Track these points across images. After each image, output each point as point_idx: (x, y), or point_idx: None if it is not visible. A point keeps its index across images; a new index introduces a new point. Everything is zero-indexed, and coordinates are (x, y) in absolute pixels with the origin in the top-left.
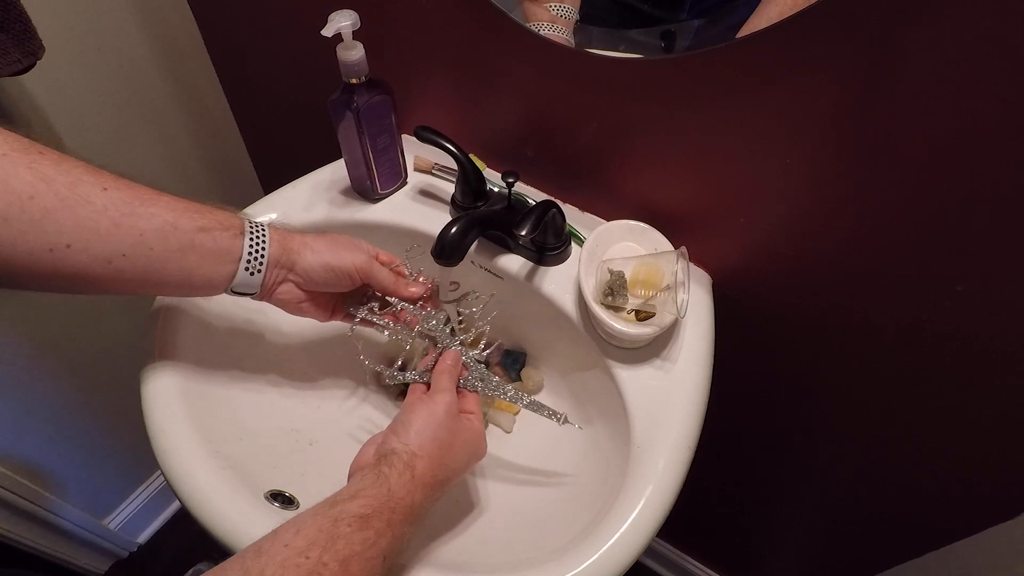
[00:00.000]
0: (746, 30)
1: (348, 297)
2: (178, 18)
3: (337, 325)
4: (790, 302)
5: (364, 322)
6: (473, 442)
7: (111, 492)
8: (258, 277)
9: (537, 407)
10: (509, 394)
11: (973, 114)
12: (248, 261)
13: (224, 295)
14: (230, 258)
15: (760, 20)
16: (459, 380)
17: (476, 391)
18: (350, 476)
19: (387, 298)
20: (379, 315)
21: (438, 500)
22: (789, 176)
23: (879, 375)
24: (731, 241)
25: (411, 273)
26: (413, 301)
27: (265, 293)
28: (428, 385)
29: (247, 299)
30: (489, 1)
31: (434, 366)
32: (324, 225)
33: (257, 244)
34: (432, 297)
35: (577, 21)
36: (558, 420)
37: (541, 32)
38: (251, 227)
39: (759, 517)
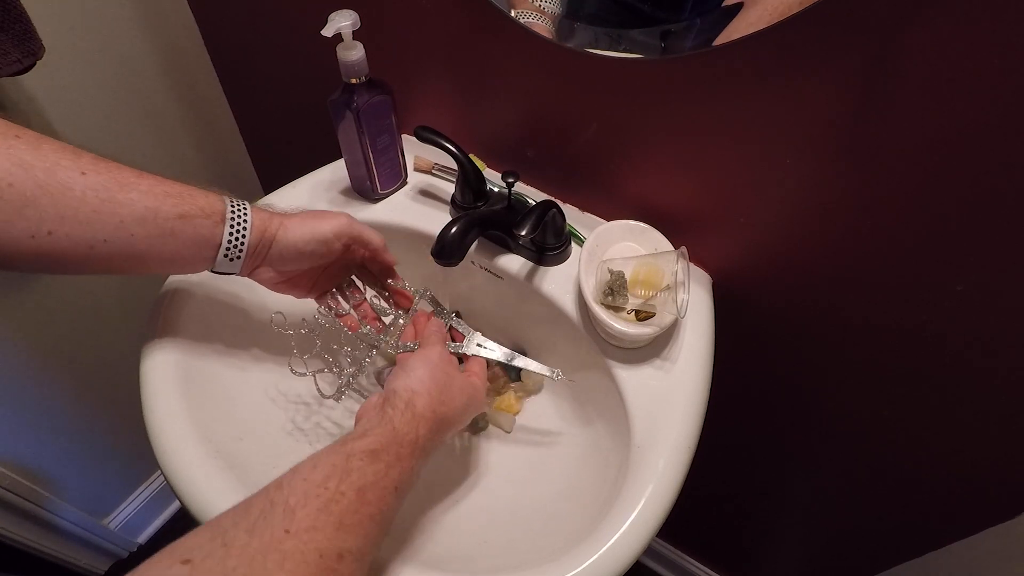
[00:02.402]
0: (724, 37)
1: (329, 275)
2: (178, 18)
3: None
4: (790, 302)
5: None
6: (470, 389)
7: (111, 492)
8: (237, 263)
9: (529, 365)
10: (500, 354)
11: (972, 115)
12: (227, 249)
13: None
14: (210, 245)
15: (741, 24)
16: (450, 344)
17: (479, 356)
18: (357, 421)
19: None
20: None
21: (444, 438)
22: (789, 176)
23: (879, 375)
24: (731, 241)
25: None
26: (399, 302)
27: (246, 272)
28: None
29: (249, 295)
30: (489, 1)
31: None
32: None
33: (237, 232)
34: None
35: (560, 15)
36: (553, 376)
37: (522, 21)
38: (232, 213)
39: (759, 517)
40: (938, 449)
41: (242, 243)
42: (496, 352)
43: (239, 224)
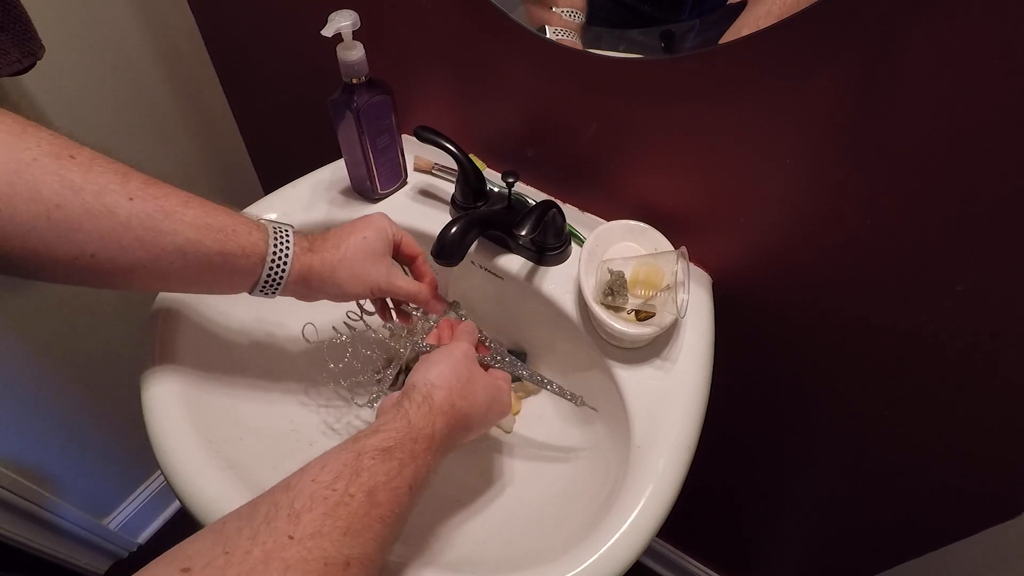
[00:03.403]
0: (732, 33)
1: None
2: (178, 18)
3: (338, 325)
4: (790, 302)
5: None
6: (494, 389)
7: (111, 492)
8: (273, 296)
9: (554, 388)
10: (526, 374)
11: (972, 114)
12: (263, 285)
13: None
14: (247, 280)
15: (741, 24)
16: (479, 355)
17: (505, 370)
18: (377, 416)
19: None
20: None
21: (464, 438)
22: (789, 176)
23: (879, 375)
24: (731, 241)
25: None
26: (430, 311)
27: (283, 294)
28: None
29: (248, 298)
30: (489, 1)
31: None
32: (324, 225)
33: (275, 272)
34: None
35: (584, 24)
36: (575, 402)
37: (549, 36)
38: (274, 254)
39: (759, 517)
40: (938, 449)
41: (279, 282)
42: (522, 370)
43: (279, 265)
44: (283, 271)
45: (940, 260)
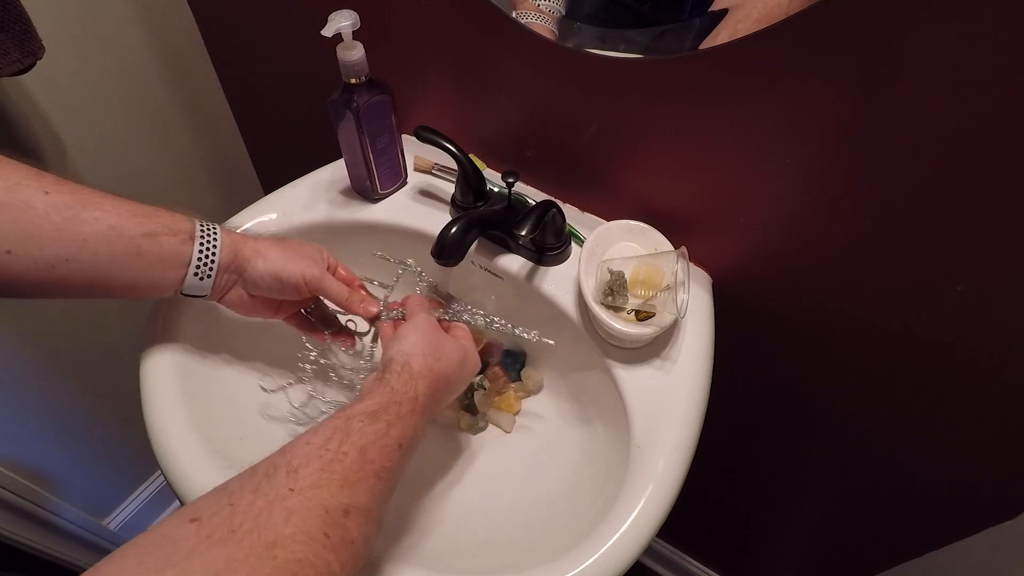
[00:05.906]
0: (722, 36)
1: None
2: (178, 18)
3: (295, 366)
4: (790, 302)
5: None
6: (460, 349)
7: (111, 492)
8: (208, 282)
9: (507, 328)
10: (478, 321)
11: (972, 115)
12: (197, 267)
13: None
14: (178, 263)
15: (737, 25)
16: (432, 311)
17: (461, 321)
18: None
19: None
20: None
21: (446, 398)
22: (789, 176)
23: (879, 376)
24: (731, 241)
25: (386, 295)
26: (367, 318)
27: (216, 295)
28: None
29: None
30: (489, 1)
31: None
32: (324, 225)
33: (207, 249)
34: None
35: (562, 15)
36: (531, 338)
37: (524, 22)
38: (202, 232)
39: (759, 517)
40: (938, 448)
41: (212, 261)
42: (477, 316)
43: (209, 242)
44: (215, 244)
45: (940, 260)
